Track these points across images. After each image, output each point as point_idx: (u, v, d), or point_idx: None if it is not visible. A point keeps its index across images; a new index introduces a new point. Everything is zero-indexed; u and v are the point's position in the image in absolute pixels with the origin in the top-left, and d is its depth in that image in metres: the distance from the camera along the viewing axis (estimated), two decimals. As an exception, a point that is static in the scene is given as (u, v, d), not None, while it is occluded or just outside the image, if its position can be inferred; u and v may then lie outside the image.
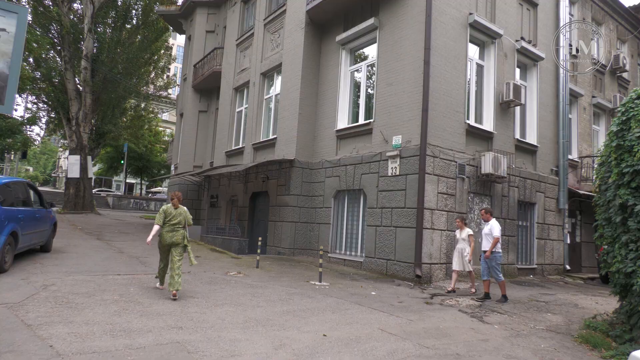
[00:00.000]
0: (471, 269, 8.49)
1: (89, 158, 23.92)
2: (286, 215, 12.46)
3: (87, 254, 10.00)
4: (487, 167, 10.41)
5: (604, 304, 8.49)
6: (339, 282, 8.84)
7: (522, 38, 12.26)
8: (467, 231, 8.46)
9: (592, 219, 8.38)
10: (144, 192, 51.87)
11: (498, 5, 11.71)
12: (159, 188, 49.36)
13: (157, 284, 7.12)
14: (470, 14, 10.76)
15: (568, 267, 13.18)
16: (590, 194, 13.35)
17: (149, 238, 6.67)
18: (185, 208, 7.06)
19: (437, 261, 9.55)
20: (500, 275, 7.80)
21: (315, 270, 9.65)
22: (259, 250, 10.48)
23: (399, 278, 9.48)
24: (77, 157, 22.86)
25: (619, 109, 5.86)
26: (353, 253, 11.31)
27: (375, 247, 10.32)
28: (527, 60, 12.73)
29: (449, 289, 8.51)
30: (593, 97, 15.69)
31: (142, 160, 43.13)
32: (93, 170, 27.10)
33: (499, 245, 7.87)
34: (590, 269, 14.56)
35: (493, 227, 7.87)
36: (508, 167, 11.29)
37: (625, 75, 17.43)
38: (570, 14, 15.03)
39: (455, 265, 8.52)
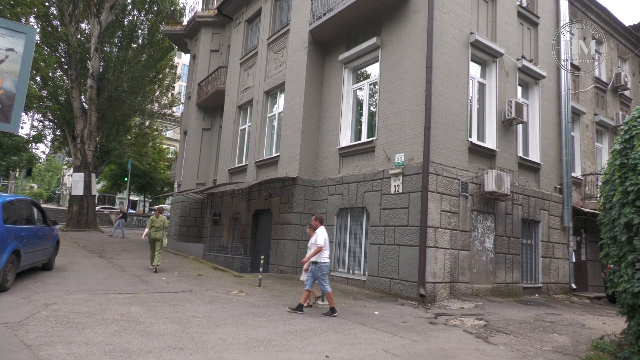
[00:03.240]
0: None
1: (93, 175, 24.04)
2: (289, 233, 12.41)
3: (88, 272, 9.96)
4: (490, 185, 10.38)
5: (612, 324, 8.36)
6: (342, 301, 8.75)
7: (523, 57, 12.36)
8: (312, 239, 7.84)
9: (597, 237, 8.31)
10: (146, 209, 51.88)
11: (499, 24, 11.84)
12: (162, 205, 49.38)
13: (150, 266, 11.45)
14: (472, 33, 10.88)
15: (574, 286, 13.01)
16: (594, 211, 13.26)
17: (143, 235, 11.47)
18: (164, 217, 11.81)
19: (441, 280, 9.45)
20: (327, 286, 7.41)
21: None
22: (261, 269, 10.41)
23: (402, 297, 9.37)
24: (82, 174, 22.98)
25: (622, 127, 5.86)
26: (356, 272, 11.22)
27: (378, 265, 10.24)
28: (529, 78, 12.81)
29: (306, 304, 7.79)
30: (595, 114, 15.73)
31: (146, 177, 43.30)
32: (97, 187, 27.21)
33: (326, 255, 7.46)
34: (596, 288, 14.37)
35: (318, 236, 7.49)
36: (511, 185, 11.25)
37: (627, 93, 17.50)
38: (571, 33, 15.18)
39: (302, 276, 8.08)
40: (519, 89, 12.58)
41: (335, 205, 11.93)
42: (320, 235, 7.51)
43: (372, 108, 11.93)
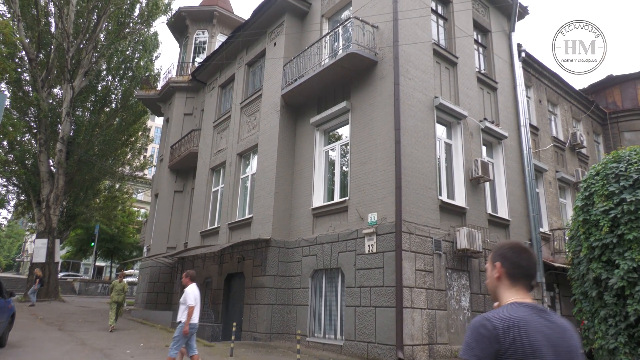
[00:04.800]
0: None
1: (57, 241, 23.04)
2: (262, 298, 12.01)
3: (45, 348, 9.25)
4: (462, 243, 10.48)
5: (593, 382, 8.21)
6: (318, 369, 8.34)
7: (485, 118, 13.00)
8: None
9: (569, 292, 8.37)
10: (113, 275, 49.61)
11: (461, 89, 12.55)
12: (130, 271, 47.43)
13: (108, 326, 12.89)
14: (436, 97, 11.45)
15: (552, 343, 12.85)
16: (565, 266, 13.47)
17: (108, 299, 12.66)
18: (125, 281, 13.86)
19: (419, 342, 9.20)
20: (194, 349, 6.98)
21: (293, 357, 9.13)
22: (233, 337, 9.93)
23: (381, 362, 9.02)
24: (45, 240, 21.98)
25: (581, 184, 6.14)
26: (332, 336, 10.83)
27: (355, 329, 9.93)
28: (492, 138, 13.41)
29: None
30: (557, 171, 16.45)
31: (114, 242, 41.76)
32: (60, 253, 26.02)
33: (195, 315, 7.14)
34: (574, 344, 14.23)
35: (187, 294, 7.15)
36: (483, 242, 11.38)
37: (583, 151, 18.50)
38: (528, 97, 16.21)
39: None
40: (484, 148, 13.11)
41: (309, 267, 11.72)
42: (190, 294, 7.14)
43: (344, 168, 12.14)
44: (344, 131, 12.36)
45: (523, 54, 15.48)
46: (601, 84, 22.06)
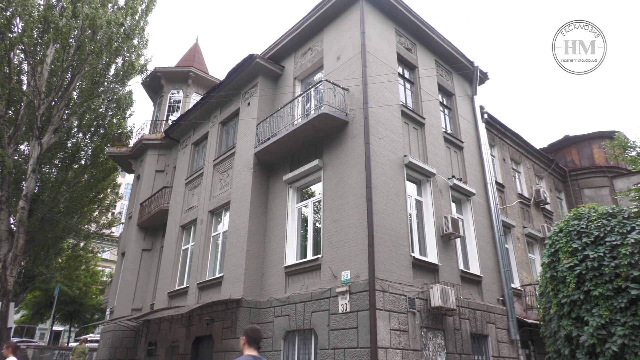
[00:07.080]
0: None
1: (12, 305, 21.56)
2: (232, 362, 11.43)
3: None
4: (436, 300, 10.41)
5: None
6: None
7: (453, 176, 13.43)
8: None
9: (544, 349, 8.36)
10: (72, 341, 46.35)
11: (429, 148, 13.02)
12: (91, 335, 44.42)
13: None
14: (405, 156, 11.82)
15: (531, 404, 12.60)
16: (537, 322, 13.47)
17: None
18: (86, 345, 15.77)
19: (396, 407, 8.83)
20: None
21: None
22: (199, 407, 9.29)
23: None
24: (-2, 304, 20.54)
25: (547, 241, 6.32)
26: (306, 403, 10.29)
27: (329, 394, 9.48)
28: (461, 195, 13.78)
29: None
30: (524, 227, 16.89)
31: (75, 304, 39.39)
32: (15, 318, 24.31)
33: None
34: (553, 405, 13.96)
35: None
36: (456, 299, 11.34)
37: (548, 207, 19.18)
38: (492, 155, 16.93)
39: None
40: (453, 205, 13.42)
41: (282, 328, 11.32)
42: None
43: (317, 224, 12.12)
44: (317, 188, 12.48)
45: (486, 116, 16.36)
46: (559, 143, 23.35)
